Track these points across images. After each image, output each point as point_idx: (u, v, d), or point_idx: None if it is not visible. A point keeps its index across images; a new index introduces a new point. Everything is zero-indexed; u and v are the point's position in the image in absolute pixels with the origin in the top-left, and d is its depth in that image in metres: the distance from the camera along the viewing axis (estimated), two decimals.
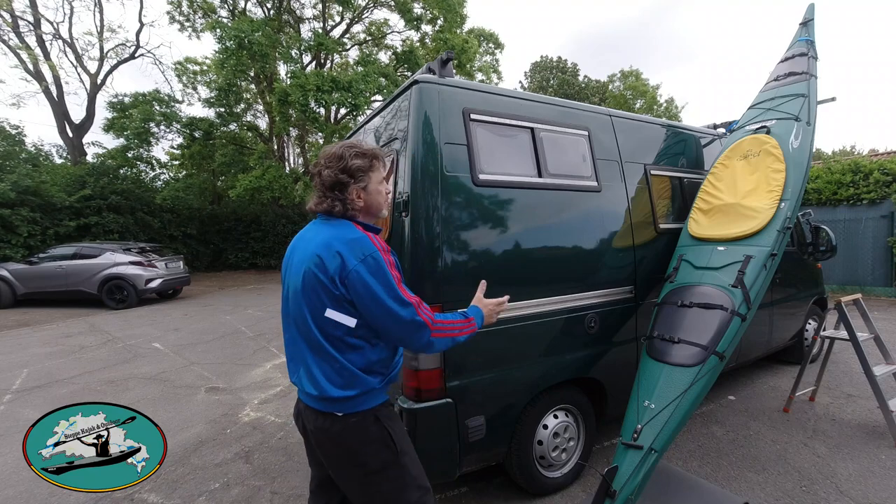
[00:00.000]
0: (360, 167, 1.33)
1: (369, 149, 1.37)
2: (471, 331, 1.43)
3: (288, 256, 1.42)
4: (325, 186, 1.33)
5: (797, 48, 3.57)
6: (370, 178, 1.36)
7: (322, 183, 1.33)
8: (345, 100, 12.82)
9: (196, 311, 8.86)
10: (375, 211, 1.41)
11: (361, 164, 1.33)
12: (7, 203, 10.70)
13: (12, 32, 14.10)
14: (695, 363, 2.22)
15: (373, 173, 1.36)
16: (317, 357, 1.29)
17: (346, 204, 1.33)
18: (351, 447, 1.31)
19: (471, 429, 2.11)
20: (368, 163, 1.35)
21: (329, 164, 1.32)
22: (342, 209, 1.33)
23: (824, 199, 8.95)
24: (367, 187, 1.36)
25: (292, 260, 1.37)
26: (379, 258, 1.25)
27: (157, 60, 17.58)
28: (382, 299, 1.23)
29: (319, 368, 1.28)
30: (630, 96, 27.93)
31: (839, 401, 3.68)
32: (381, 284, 1.23)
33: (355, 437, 1.31)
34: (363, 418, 1.32)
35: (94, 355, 5.71)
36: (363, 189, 1.35)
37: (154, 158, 16.73)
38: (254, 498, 2.56)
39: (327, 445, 1.33)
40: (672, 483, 2.23)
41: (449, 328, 1.37)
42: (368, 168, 1.35)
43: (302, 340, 1.31)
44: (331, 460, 1.36)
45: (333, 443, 1.32)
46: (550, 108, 2.58)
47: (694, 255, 2.73)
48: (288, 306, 1.36)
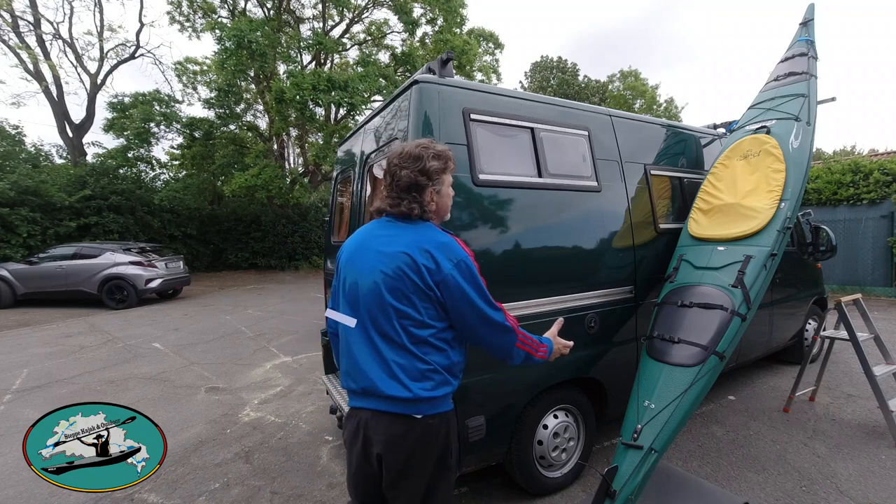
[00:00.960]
0: (436, 169, 1.30)
1: (443, 150, 1.34)
2: (543, 355, 1.44)
3: (352, 253, 1.35)
4: (402, 188, 1.28)
5: (797, 48, 3.57)
6: (444, 181, 1.34)
7: (397, 184, 1.29)
8: (341, 99, 12.80)
9: (196, 311, 8.86)
10: (444, 214, 1.40)
11: (438, 165, 1.30)
12: (7, 203, 10.69)
13: (12, 32, 14.09)
14: (695, 363, 2.22)
15: (446, 175, 1.34)
16: (400, 358, 1.24)
17: (422, 206, 1.30)
18: (427, 450, 1.26)
19: (471, 429, 2.11)
20: (444, 164, 1.32)
21: (405, 165, 1.28)
22: (419, 211, 1.29)
23: (824, 199, 8.95)
24: (441, 190, 1.34)
25: (363, 257, 1.31)
26: (470, 263, 1.27)
27: (157, 60, 17.58)
28: (476, 303, 1.26)
29: (403, 370, 1.23)
30: (630, 96, 27.94)
31: (839, 401, 3.68)
32: (474, 289, 1.26)
33: (433, 439, 1.27)
34: (441, 421, 1.29)
35: (94, 355, 5.71)
36: (437, 192, 1.33)
37: (154, 158, 16.74)
38: (254, 498, 2.56)
39: (400, 453, 1.25)
40: (672, 483, 2.23)
41: (529, 342, 1.40)
42: (443, 170, 1.33)
43: (381, 341, 1.25)
44: (397, 469, 1.27)
45: (408, 448, 1.25)
46: (550, 108, 2.58)
47: (694, 255, 2.73)
48: (357, 306, 1.29)
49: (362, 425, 1.30)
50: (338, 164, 3.68)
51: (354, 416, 1.34)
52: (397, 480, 1.28)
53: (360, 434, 1.32)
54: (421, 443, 1.26)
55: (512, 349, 1.36)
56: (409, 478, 1.27)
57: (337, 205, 3.61)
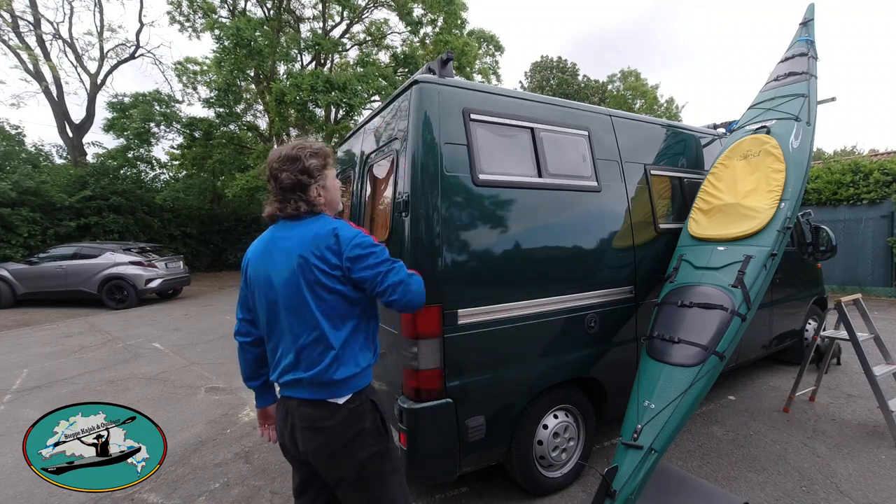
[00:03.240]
0: (316, 166, 1.37)
1: (320, 147, 1.41)
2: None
3: (259, 258, 1.41)
4: (286, 189, 1.35)
5: (797, 48, 3.57)
6: (326, 176, 1.40)
7: (281, 186, 1.35)
8: (339, 100, 12.81)
9: (196, 311, 8.86)
10: (334, 205, 1.47)
11: (317, 162, 1.37)
12: (7, 203, 10.69)
13: (12, 32, 14.10)
14: (695, 363, 2.22)
15: (328, 171, 1.42)
16: (317, 341, 1.31)
17: (310, 202, 1.36)
18: (348, 440, 1.31)
19: (471, 429, 2.11)
20: (323, 161, 1.39)
21: (285, 167, 1.34)
22: (307, 208, 1.36)
23: (824, 199, 8.95)
24: (326, 184, 1.40)
25: (272, 260, 1.37)
26: (365, 236, 1.35)
27: (157, 60, 17.62)
28: (380, 265, 1.34)
29: (321, 352, 1.31)
30: (630, 96, 27.93)
31: (839, 401, 3.68)
32: (373, 254, 1.33)
33: (353, 427, 1.32)
34: (361, 403, 1.35)
35: (94, 355, 5.71)
36: (323, 187, 1.39)
37: (154, 158, 16.74)
38: (254, 498, 2.56)
39: (322, 442, 1.31)
40: (672, 483, 2.23)
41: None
42: (324, 166, 1.39)
43: (302, 328, 1.32)
44: (324, 460, 1.33)
45: (329, 438, 1.31)
46: (550, 107, 2.58)
47: (694, 255, 2.73)
48: (276, 304, 1.35)
49: (290, 415, 1.43)
50: (338, 163, 3.68)
51: (282, 408, 1.46)
52: (325, 471, 1.41)
53: (287, 423, 1.44)
54: (341, 431, 1.36)
55: (413, 281, 1.40)
56: (334, 470, 1.40)
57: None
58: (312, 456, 1.33)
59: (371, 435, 1.35)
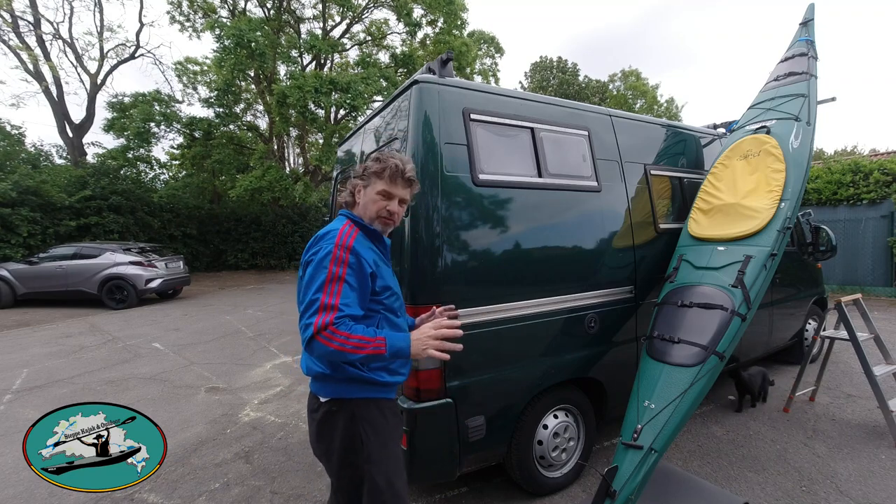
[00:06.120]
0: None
1: (386, 157, 1.43)
2: (372, 351, 1.21)
3: None
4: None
5: (797, 48, 3.57)
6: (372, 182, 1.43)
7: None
8: (343, 101, 12.82)
9: (196, 311, 8.86)
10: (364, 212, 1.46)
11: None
12: (7, 202, 10.69)
13: (12, 32, 14.09)
14: (695, 363, 2.22)
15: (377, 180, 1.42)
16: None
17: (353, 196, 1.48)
18: (322, 436, 1.37)
19: (471, 429, 2.11)
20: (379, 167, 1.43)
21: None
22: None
23: (824, 199, 8.95)
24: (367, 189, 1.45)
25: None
26: (327, 246, 1.28)
27: (157, 60, 17.58)
28: (308, 289, 1.26)
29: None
30: (630, 96, 27.93)
31: (839, 401, 3.68)
32: (315, 274, 1.26)
33: (326, 427, 1.35)
34: (341, 408, 1.34)
35: (94, 355, 5.71)
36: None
37: (154, 158, 16.73)
38: (254, 498, 2.56)
39: (312, 432, 1.40)
40: (672, 483, 2.23)
41: (345, 341, 1.19)
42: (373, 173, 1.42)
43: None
44: (317, 450, 1.42)
45: (314, 429, 1.39)
46: (550, 108, 2.58)
47: (694, 255, 2.73)
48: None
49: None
50: (338, 164, 3.68)
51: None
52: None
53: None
54: (319, 426, 1.41)
55: (312, 343, 1.19)
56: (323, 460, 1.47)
57: (337, 205, 3.61)
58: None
59: (342, 450, 1.34)
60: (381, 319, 1.39)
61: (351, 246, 1.29)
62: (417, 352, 1.26)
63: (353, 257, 1.28)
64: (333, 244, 1.27)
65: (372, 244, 1.42)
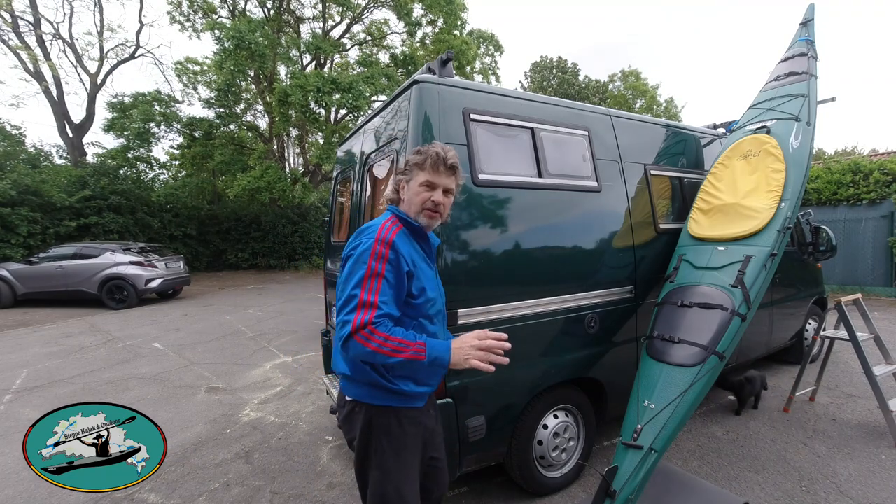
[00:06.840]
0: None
1: (427, 147, 1.40)
2: (411, 356, 1.17)
3: None
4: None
5: (797, 48, 3.57)
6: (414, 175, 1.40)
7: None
8: (345, 101, 12.82)
9: (196, 311, 8.86)
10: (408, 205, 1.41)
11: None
12: (7, 202, 10.69)
13: (12, 32, 14.09)
14: (695, 363, 2.22)
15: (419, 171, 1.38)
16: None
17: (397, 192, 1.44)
18: (347, 431, 1.40)
19: (471, 429, 2.11)
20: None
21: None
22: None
23: (824, 199, 8.95)
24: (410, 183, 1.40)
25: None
26: (368, 240, 1.26)
27: (158, 60, 17.66)
28: (346, 284, 1.24)
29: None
30: (630, 96, 27.92)
31: (839, 401, 3.68)
32: (354, 269, 1.24)
33: (348, 425, 1.38)
34: (361, 411, 1.34)
35: (94, 355, 5.71)
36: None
37: (154, 158, 16.72)
38: (254, 498, 2.56)
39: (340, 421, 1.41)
40: (672, 483, 2.23)
41: (384, 342, 1.16)
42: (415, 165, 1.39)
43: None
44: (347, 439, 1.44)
45: (341, 420, 1.41)
46: (550, 108, 2.58)
47: (694, 255, 2.73)
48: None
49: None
50: (338, 163, 3.68)
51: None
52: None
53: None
54: (345, 423, 1.43)
55: (347, 343, 1.16)
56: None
57: (337, 205, 3.61)
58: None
59: (359, 451, 1.36)
60: (416, 326, 1.32)
61: (391, 241, 1.24)
62: (458, 361, 1.20)
63: (392, 253, 1.24)
64: (374, 239, 1.24)
65: (415, 242, 1.36)
